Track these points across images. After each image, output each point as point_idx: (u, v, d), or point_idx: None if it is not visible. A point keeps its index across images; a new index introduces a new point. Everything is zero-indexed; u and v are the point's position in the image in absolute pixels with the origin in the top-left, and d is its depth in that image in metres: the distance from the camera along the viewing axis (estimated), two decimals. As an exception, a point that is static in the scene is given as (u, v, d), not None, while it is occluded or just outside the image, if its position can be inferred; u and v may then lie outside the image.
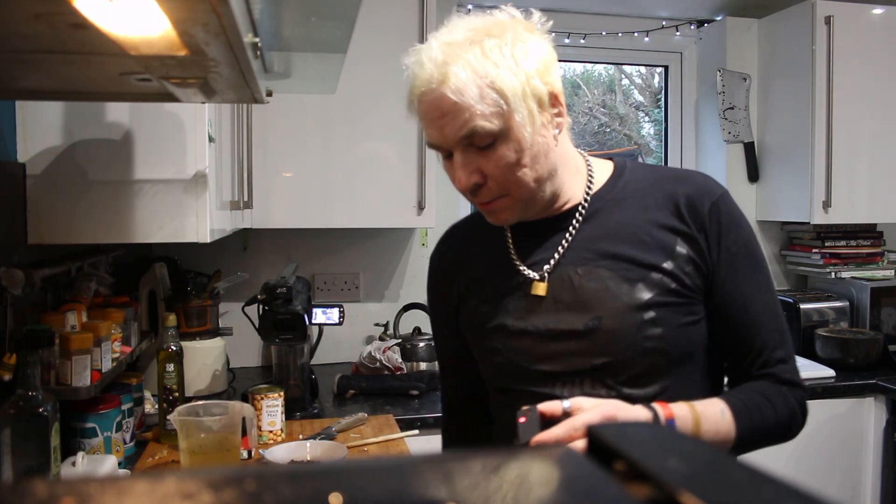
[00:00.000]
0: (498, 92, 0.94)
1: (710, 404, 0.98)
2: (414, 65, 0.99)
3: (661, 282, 1.01)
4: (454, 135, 0.96)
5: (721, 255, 1.03)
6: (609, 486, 0.31)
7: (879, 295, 2.61)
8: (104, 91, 1.19)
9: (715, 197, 1.05)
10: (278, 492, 0.29)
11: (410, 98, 1.00)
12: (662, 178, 1.09)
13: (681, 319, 1.02)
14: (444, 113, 0.95)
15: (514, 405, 1.08)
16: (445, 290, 1.19)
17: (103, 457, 1.56)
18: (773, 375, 1.04)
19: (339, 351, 2.63)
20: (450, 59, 0.94)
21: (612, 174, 1.11)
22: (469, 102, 0.94)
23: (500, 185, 0.99)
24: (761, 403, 1.01)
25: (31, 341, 1.30)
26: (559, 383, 1.04)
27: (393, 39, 2.23)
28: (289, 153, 2.25)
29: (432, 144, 1.02)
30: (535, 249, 1.09)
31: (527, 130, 0.96)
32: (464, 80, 0.93)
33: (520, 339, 1.06)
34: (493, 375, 1.13)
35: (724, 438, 0.97)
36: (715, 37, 2.96)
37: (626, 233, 1.05)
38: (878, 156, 2.65)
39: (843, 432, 2.32)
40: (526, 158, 0.98)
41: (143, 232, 1.54)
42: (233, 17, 0.59)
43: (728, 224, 1.04)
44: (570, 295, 1.04)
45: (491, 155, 0.97)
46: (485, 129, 0.95)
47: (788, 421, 1.03)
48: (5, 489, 0.31)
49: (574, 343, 1.03)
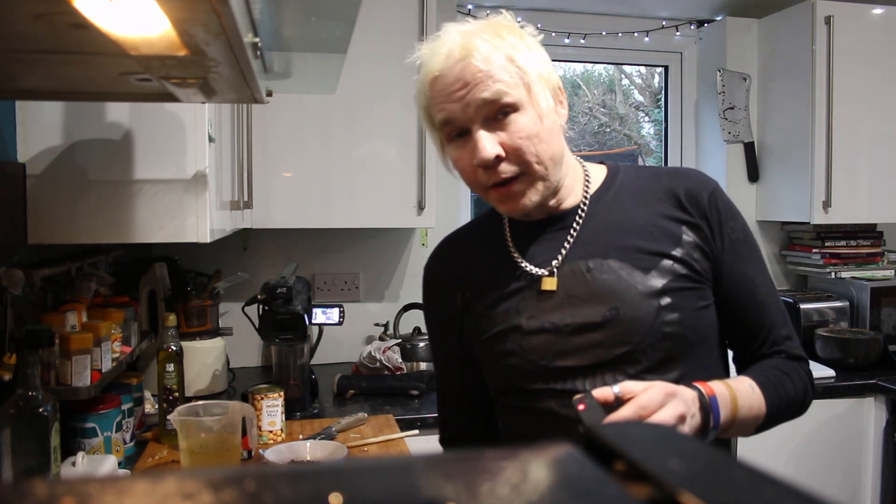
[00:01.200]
0: (518, 67, 0.99)
1: (740, 381, 1.01)
2: (429, 49, 1.02)
3: (672, 268, 1.04)
4: (477, 101, 0.98)
5: (724, 241, 1.07)
6: (609, 486, 0.31)
7: (879, 295, 2.61)
8: (104, 91, 1.19)
9: (711, 188, 1.10)
10: (278, 492, 0.29)
11: (424, 80, 1.03)
12: (657, 174, 1.13)
13: (695, 304, 1.05)
14: (467, 82, 0.98)
15: (529, 407, 1.08)
16: (447, 302, 1.18)
17: (103, 457, 1.56)
18: (784, 352, 1.09)
19: (339, 351, 2.63)
20: (471, 37, 0.99)
21: (606, 176, 1.14)
22: (494, 70, 0.98)
23: (519, 158, 1.01)
24: (783, 378, 1.05)
25: (31, 341, 1.30)
26: (580, 377, 1.04)
27: (393, 39, 2.23)
28: (289, 153, 2.25)
29: (447, 121, 1.02)
30: (537, 249, 1.10)
31: (543, 106, 1.01)
32: (488, 50, 0.98)
33: (537, 337, 1.06)
34: (506, 379, 1.11)
35: (756, 413, 1.01)
36: (715, 37, 2.96)
37: (631, 225, 1.07)
38: (878, 156, 2.65)
39: (843, 432, 2.32)
40: (544, 133, 1.01)
41: (143, 232, 1.54)
42: (233, 17, 0.59)
43: (727, 212, 1.09)
44: (584, 288, 1.05)
45: (511, 126, 1.00)
46: (509, 96, 0.98)
47: (804, 395, 1.08)
48: (5, 489, 0.31)
49: (594, 335, 1.03)
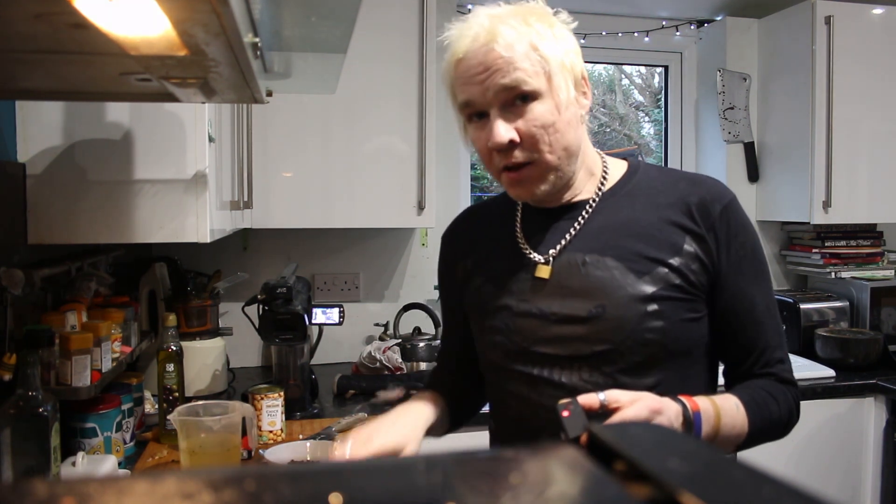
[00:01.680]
0: (541, 56, 1.01)
1: (726, 399, 1.02)
2: (457, 30, 1.04)
3: (666, 277, 1.05)
4: (496, 87, 1.00)
5: (730, 257, 1.07)
6: (609, 486, 0.31)
7: (879, 295, 2.61)
8: (104, 91, 1.19)
9: (726, 201, 1.09)
10: (278, 492, 0.29)
11: (450, 61, 1.05)
12: (676, 179, 1.13)
13: (682, 315, 1.05)
14: (488, 67, 1.00)
15: (505, 387, 1.12)
16: (453, 267, 1.24)
17: (103, 457, 1.56)
18: (774, 374, 1.09)
19: (339, 351, 2.63)
20: (497, 23, 1.01)
21: (626, 172, 1.15)
22: (516, 58, 0.99)
23: (532, 146, 1.02)
24: (768, 400, 1.05)
25: (31, 341, 1.30)
26: (557, 367, 1.07)
27: (393, 39, 2.23)
28: (289, 153, 2.25)
29: (466, 103, 1.04)
30: (543, 235, 1.13)
31: (563, 96, 1.02)
32: (512, 37, 1.00)
33: (524, 319, 1.09)
34: (490, 354, 1.15)
35: (738, 432, 1.01)
36: (715, 37, 2.96)
37: (635, 227, 1.08)
38: (878, 156, 2.65)
39: (843, 432, 2.32)
40: (560, 123, 1.02)
41: (143, 232, 1.54)
42: (233, 17, 0.59)
43: (737, 228, 1.08)
44: (577, 281, 1.07)
45: (528, 114, 1.01)
46: (528, 84, 1.00)
47: (788, 418, 1.08)
48: (5, 489, 0.31)
49: (577, 328, 1.05)
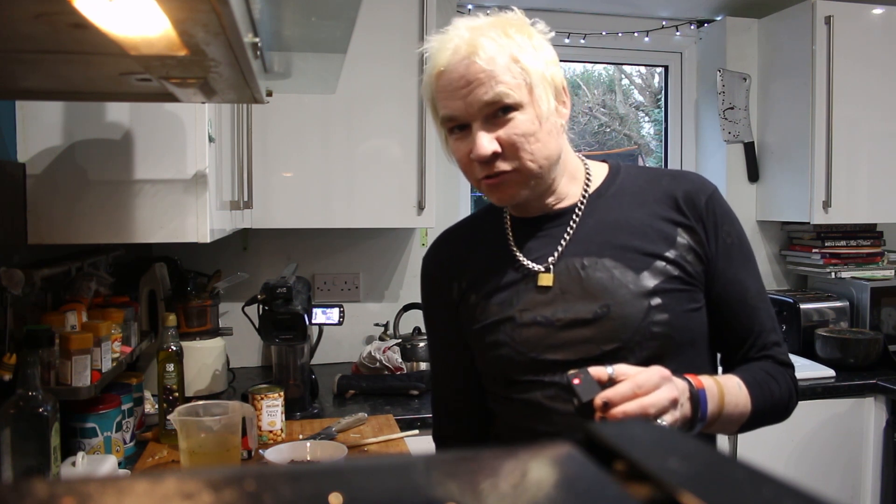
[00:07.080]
0: (522, 68, 1.01)
1: (728, 378, 1.03)
2: (437, 42, 1.04)
3: (664, 269, 1.06)
4: (479, 102, 1.01)
5: (719, 245, 1.09)
6: (609, 486, 0.31)
7: (879, 295, 2.61)
8: (104, 91, 1.19)
9: (709, 192, 1.11)
10: (278, 492, 0.29)
11: (430, 73, 1.05)
12: (657, 176, 1.15)
13: (685, 306, 1.06)
14: (469, 81, 1.01)
15: (517, 398, 1.11)
16: (444, 291, 1.20)
17: (103, 457, 1.56)
18: (772, 357, 1.10)
19: (339, 351, 2.63)
20: (477, 35, 1.01)
21: (608, 174, 1.16)
22: (497, 71, 1.00)
23: (515, 155, 1.03)
24: (769, 380, 1.07)
25: (31, 341, 1.30)
26: (568, 372, 1.05)
27: (393, 39, 2.23)
28: (289, 153, 2.25)
29: (449, 118, 1.04)
30: (535, 244, 1.13)
31: (544, 107, 1.03)
32: (493, 50, 1.00)
33: (528, 329, 1.09)
34: (496, 369, 1.13)
35: (741, 411, 1.02)
36: (715, 37, 2.96)
37: (627, 225, 1.09)
38: (878, 156, 2.65)
39: (843, 432, 2.32)
40: (541, 133, 1.03)
41: (143, 232, 1.54)
42: (233, 17, 0.59)
43: (723, 217, 1.10)
44: (578, 285, 1.07)
45: (510, 125, 1.02)
46: (510, 97, 1.01)
47: (788, 399, 1.09)
48: (5, 489, 0.31)
49: (584, 331, 1.06)
